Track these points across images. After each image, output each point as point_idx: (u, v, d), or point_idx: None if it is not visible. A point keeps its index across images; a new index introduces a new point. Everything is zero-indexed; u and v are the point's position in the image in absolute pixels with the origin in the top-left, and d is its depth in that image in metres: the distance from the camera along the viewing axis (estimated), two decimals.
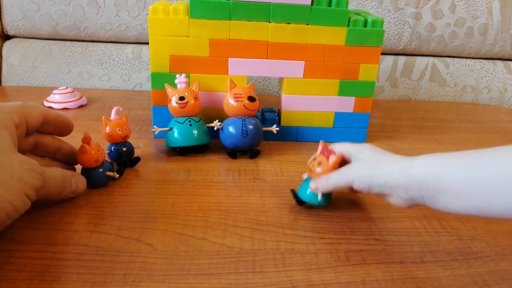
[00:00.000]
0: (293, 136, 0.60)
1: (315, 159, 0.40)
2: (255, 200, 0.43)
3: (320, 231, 0.39)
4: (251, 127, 0.51)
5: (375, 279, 0.33)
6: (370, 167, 0.36)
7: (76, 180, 0.40)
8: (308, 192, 0.40)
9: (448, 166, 0.31)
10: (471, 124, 0.73)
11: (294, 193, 0.43)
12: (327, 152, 0.39)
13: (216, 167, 0.50)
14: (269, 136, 0.59)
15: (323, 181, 0.38)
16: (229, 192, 0.45)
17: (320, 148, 0.41)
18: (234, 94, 0.51)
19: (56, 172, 0.37)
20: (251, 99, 0.52)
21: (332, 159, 0.39)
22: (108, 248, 0.34)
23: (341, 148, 0.40)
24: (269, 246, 0.36)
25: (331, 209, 0.42)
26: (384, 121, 0.71)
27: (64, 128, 0.42)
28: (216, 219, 0.39)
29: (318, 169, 0.39)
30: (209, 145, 0.54)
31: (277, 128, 0.54)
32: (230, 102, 0.52)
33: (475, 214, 0.30)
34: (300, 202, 0.42)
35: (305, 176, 0.44)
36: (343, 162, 0.39)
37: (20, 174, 0.31)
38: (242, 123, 0.51)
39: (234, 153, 0.53)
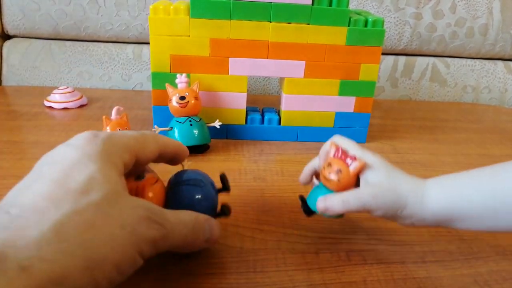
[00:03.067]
0: (294, 136, 0.60)
1: (329, 164, 0.33)
2: (255, 200, 0.43)
3: (321, 231, 0.38)
4: None
5: (376, 279, 0.33)
6: (393, 195, 0.32)
7: (210, 225, 0.31)
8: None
9: (463, 195, 0.31)
10: (472, 124, 0.73)
11: (302, 201, 0.37)
12: (344, 156, 0.33)
13: (216, 167, 0.50)
14: (269, 135, 0.59)
15: (337, 203, 0.32)
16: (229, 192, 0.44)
17: (332, 150, 0.34)
18: None
19: (185, 216, 0.29)
20: None
21: (354, 165, 0.32)
22: None
23: (345, 146, 0.35)
24: (270, 245, 0.36)
25: None
26: (384, 121, 0.71)
27: (178, 159, 0.35)
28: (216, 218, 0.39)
29: (334, 177, 0.33)
30: (209, 145, 0.54)
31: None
32: None
33: (489, 232, 0.31)
34: (308, 212, 0.36)
35: (316, 182, 0.39)
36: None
37: (133, 224, 0.24)
38: None
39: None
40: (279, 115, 0.60)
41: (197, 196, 0.32)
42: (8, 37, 0.85)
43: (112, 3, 0.79)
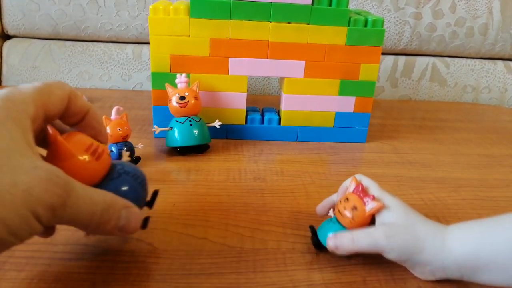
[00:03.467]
0: (294, 136, 0.60)
1: (346, 199, 0.33)
2: (255, 200, 0.43)
3: None
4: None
5: (376, 279, 0.33)
6: (410, 237, 0.31)
7: (129, 213, 0.29)
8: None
9: (491, 242, 0.29)
10: (472, 124, 0.73)
11: (313, 232, 0.36)
12: (363, 194, 0.32)
13: (216, 166, 0.50)
14: (269, 135, 0.59)
15: (347, 242, 0.31)
16: (229, 192, 0.44)
17: (352, 186, 0.33)
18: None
19: (98, 196, 0.27)
20: None
21: (371, 206, 0.32)
22: (108, 248, 0.34)
23: (366, 184, 0.34)
24: (270, 245, 0.36)
25: None
26: (384, 121, 0.71)
27: (93, 123, 0.32)
28: (216, 218, 0.39)
29: (349, 214, 0.32)
30: (209, 145, 0.54)
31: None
32: None
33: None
34: (318, 246, 0.35)
35: (331, 213, 0.37)
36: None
37: (28, 184, 0.23)
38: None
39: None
40: (279, 115, 0.60)
41: (124, 188, 0.30)
42: (8, 37, 0.85)
43: (112, 3, 0.79)
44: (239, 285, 0.31)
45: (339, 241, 0.32)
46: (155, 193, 0.35)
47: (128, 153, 0.37)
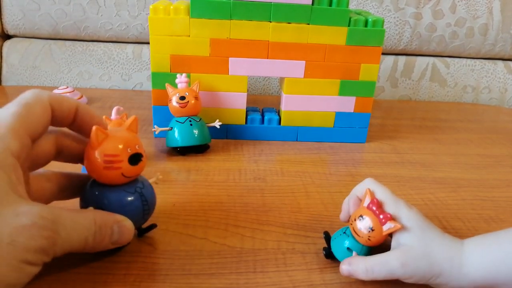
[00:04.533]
0: (294, 136, 0.60)
1: (361, 216, 0.31)
2: (255, 200, 0.43)
3: (321, 231, 0.38)
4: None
5: None
6: (426, 264, 0.29)
7: (120, 228, 0.29)
8: (345, 249, 0.33)
9: (505, 260, 0.28)
10: (472, 124, 0.73)
11: (327, 241, 0.35)
12: (379, 212, 0.30)
13: (216, 167, 0.50)
14: (269, 135, 0.59)
15: (361, 273, 0.30)
16: (230, 192, 0.44)
17: (367, 200, 0.32)
18: (105, 155, 0.30)
19: (87, 219, 0.27)
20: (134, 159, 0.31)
21: (389, 227, 0.30)
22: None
23: (380, 197, 0.32)
24: (270, 246, 0.36)
25: (332, 208, 0.42)
26: (384, 121, 0.71)
27: (87, 120, 0.30)
28: (217, 219, 0.39)
29: (365, 233, 0.31)
30: (209, 145, 0.54)
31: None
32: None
33: None
34: (330, 256, 0.34)
35: (342, 217, 0.36)
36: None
37: (11, 235, 0.22)
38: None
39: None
40: (279, 115, 0.60)
41: (127, 206, 0.31)
42: (8, 37, 0.85)
43: (112, 3, 0.79)
44: (239, 286, 0.31)
45: (353, 269, 0.31)
46: (152, 226, 0.36)
47: (161, 177, 0.37)
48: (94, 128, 0.29)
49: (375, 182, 0.34)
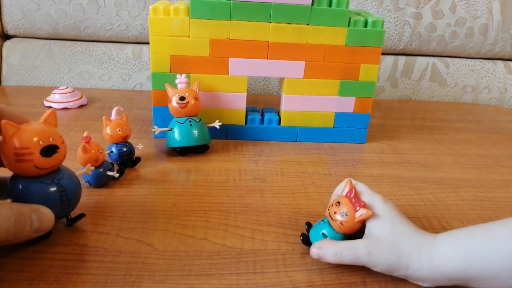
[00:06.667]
0: (293, 136, 0.60)
1: (338, 203, 0.33)
2: (255, 200, 0.43)
3: None
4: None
5: (376, 280, 0.33)
6: (392, 255, 0.31)
7: (39, 215, 0.31)
8: (320, 235, 0.34)
9: (480, 255, 0.29)
10: (471, 124, 0.73)
11: (307, 228, 0.37)
12: (355, 200, 0.32)
13: (216, 167, 0.50)
14: (269, 136, 0.59)
15: (330, 256, 0.32)
16: (229, 193, 0.45)
17: (346, 189, 0.33)
18: (15, 148, 0.31)
19: (4, 211, 0.29)
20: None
21: (361, 213, 0.32)
22: (109, 249, 0.34)
23: (360, 189, 0.34)
24: (270, 246, 0.36)
25: None
26: (384, 121, 0.71)
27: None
28: (216, 219, 0.39)
29: (339, 218, 0.32)
30: (209, 145, 0.54)
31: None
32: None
33: None
34: (306, 242, 0.36)
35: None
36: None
37: None
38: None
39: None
40: (279, 115, 0.60)
41: (44, 197, 0.33)
42: (8, 37, 0.85)
43: (112, 3, 0.79)
44: (239, 286, 0.31)
45: (322, 252, 0.32)
46: (80, 216, 0.37)
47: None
48: (2, 122, 0.30)
49: (357, 181, 0.35)
